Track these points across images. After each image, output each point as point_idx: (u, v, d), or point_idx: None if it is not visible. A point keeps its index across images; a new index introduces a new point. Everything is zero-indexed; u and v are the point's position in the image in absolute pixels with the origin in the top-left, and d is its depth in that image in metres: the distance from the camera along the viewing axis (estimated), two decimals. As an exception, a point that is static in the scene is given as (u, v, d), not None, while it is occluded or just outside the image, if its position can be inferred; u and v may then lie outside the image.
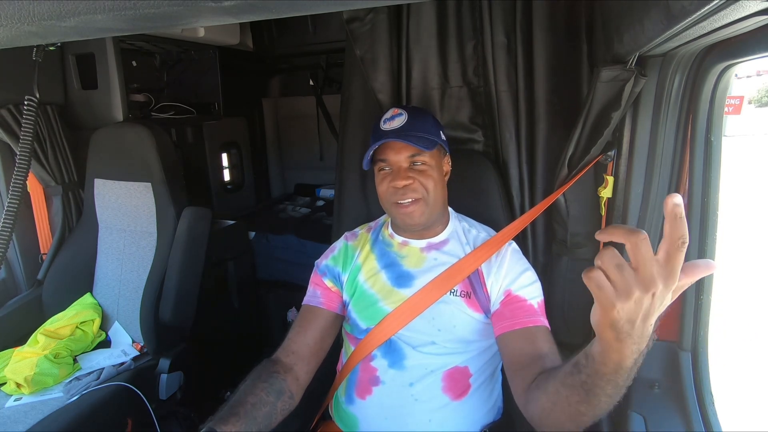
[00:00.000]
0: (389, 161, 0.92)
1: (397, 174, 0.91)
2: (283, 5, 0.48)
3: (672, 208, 0.43)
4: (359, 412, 0.94)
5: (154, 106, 1.93)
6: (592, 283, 0.47)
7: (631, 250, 0.44)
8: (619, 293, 0.46)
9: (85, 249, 1.61)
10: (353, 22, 1.24)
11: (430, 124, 0.95)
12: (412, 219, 0.92)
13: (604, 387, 0.56)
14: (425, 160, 0.92)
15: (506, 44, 1.17)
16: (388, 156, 0.92)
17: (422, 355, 0.91)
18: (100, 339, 1.51)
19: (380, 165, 0.94)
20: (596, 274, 0.47)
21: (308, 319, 0.97)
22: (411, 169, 0.91)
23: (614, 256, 0.46)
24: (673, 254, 0.44)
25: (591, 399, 0.58)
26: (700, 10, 0.48)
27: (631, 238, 0.44)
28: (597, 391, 0.57)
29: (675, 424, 0.93)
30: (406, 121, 0.92)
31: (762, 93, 12.50)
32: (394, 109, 0.95)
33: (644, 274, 0.44)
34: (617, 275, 0.45)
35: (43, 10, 0.46)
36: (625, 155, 0.97)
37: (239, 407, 0.79)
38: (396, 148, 0.91)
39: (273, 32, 2.29)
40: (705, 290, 0.92)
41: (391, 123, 0.93)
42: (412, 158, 0.91)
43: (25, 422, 1.13)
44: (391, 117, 0.94)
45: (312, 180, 2.79)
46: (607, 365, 0.53)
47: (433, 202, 0.93)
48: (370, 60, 1.26)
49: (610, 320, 0.48)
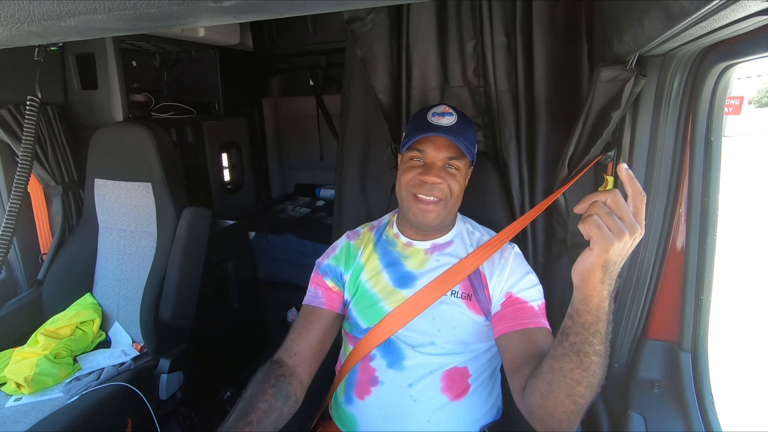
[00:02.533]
0: (427, 154, 0.91)
1: (430, 169, 0.90)
2: (283, 5, 0.48)
3: (625, 172, 0.57)
4: (358, 413, 0.94)
5: (154, 106, 1.93)
6: (591, 224, 0.57)
7: (611, 204, 0.57)
8: (615, 234, 0.56)
9: (85, 249, 1.61)
10: (354, 23, 1.24)
11: (473, 134, 0.95)
12: (426, 217, 0.92)
13: (592, 341, 0.63)
14: (459, 165, 0.92)
15: (506, 44, 1.17)
16: (427, 149, 0.91)
17: (421, 355, 0.91)
18: (100, 339, 1.51)
19: (414, 154, 0.93)
20: (594, 218, 0.57)
21: (310, 320, 0.97)
22: (444, 170, 0.91)
23: (603, 207, 0.57)
24: (639, 207, 0.57)
25: (583, 360, 0.64)
26: (700, 10, 0.48)
27: (608, 195, 0.57)
28: (587, 349, 0.63)
29: (675, 424, 0.93)
30: (456, 121, 0.91)
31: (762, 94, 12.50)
32: (444, 107, 0.94)
33: (627, 220, 0.56)
34: (610, 220, 0.56)
35: (43, 10, 0.46)
36: (625, 155, 0.97)
37: (252, 414, 0.79)
38: (438, 145, 0.91)
39: (273, 32, 2.29)
40: (705, 290, 0.92)
41: (440, 119, 0.92)
42: (449, 159, 0.91)
43: (25, 422, 1.13)
44: (442, 113, 0.93)
45: (312, 180, 2.79)
46: (591, 312, 0.62)
47: (451, 207, 0.93)
48: (371, 60, 1.26)
49: (605, 260, 0.57)
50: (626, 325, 1.02)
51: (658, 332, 1.00)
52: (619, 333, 1.03)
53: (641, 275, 0.98)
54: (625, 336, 1.03)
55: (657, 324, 1.00)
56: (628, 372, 1.03)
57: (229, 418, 0.78)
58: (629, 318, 1.02)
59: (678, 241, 0.95)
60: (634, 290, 1.00)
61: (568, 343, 0.65)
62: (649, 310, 1.01)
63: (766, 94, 12.63)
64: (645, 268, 0.98)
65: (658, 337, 1.00)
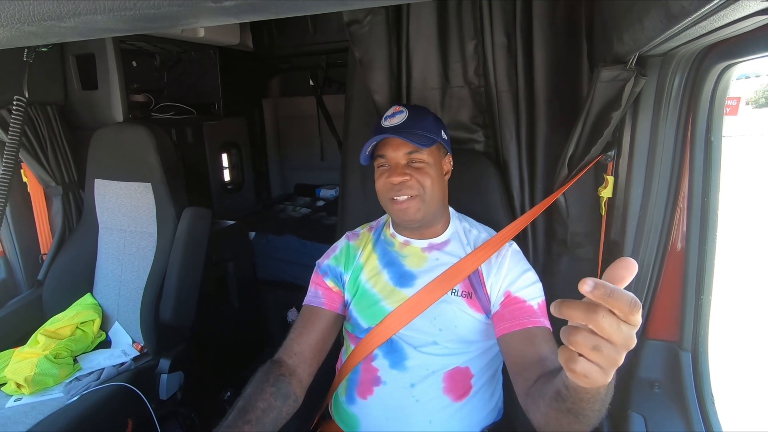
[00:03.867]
0: (387, 157, 0.93)
1: (394, 170, 0.91)
2: (283, 5, 0.48)
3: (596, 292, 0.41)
4: (360, 412, 0.94)
5: (154, 107, 1.93)
6: (578, 376, 0.46)
7: (597, 329, 0.43)
8: (608, 367, 0.45)
9: (86, 249, 1.61)
10: (353, 25, 1.25)
11: (429, 122, 0.95)
12: (406, 215, 0.92)
13: (591, 406, 0.57)
14: (423, 158, 0.92)
15: (506, 44, 1.17)
16: (386, 152, 0.92)
17: (423, 355, 0.91)
18: (101, 339, 1.51)
19: (379, 161, 0.95)
20: (580, 367, 0.45)
21: (310, 320, 0.97)
22: (408, 167, 0.92)
23: (587, 337, 0.43)
24: (632, 319, 0.42)
25: (581, 418, 0.60)
26: (700, 10, 0.48)
27: (591, 317, 0.42)
28: (585, 412, 0.59)
29: (675, 424, 0.93)
30: (406, 118, 0.92)
31: (759, 94, 12.53)
32: (395, 107, 0.96)
33: (619, 341, 0.43)
34: (598, 356, 0.44)
35: (43, 11, 0.46)
36: (625, 155, 0.97)
37: (251, 413, 0.79)
38: (394, 145, 0.91)
39: (273, 32, 2.29)
40: (705, 290, 0.92)
41: (391, 120, 0.93)
42: (410, 155, 0.92)
43: (25, 422, 1.13)
44: (392, 114, 0.94)
45: (312, 180, 2.79)
46: (588, 392, 0.55)
47: (429, 200, 0.92)
48: (368, 61, 1.27)
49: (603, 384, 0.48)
50: (626, 325, 1.02)
51: (658, 332, 1.00)
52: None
53: (641, 275, 0.98)
54: (626, 336, 1.03)
55: (657, 324, 1.00)
56: (628, 372, 1.03)
57: (228, 417, 0.78)
58: (629, 318, 1.02)
59: (678, 241, 0.95)
60: (634, 290, 1.00)
61: (564, 406, 0.60)
62: (649, 310, 1.01)
63: (764, 94, 12.65)
64: (645, 268, 0.98)
65: (658, 337, 1.00)
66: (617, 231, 1.03)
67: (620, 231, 1.01)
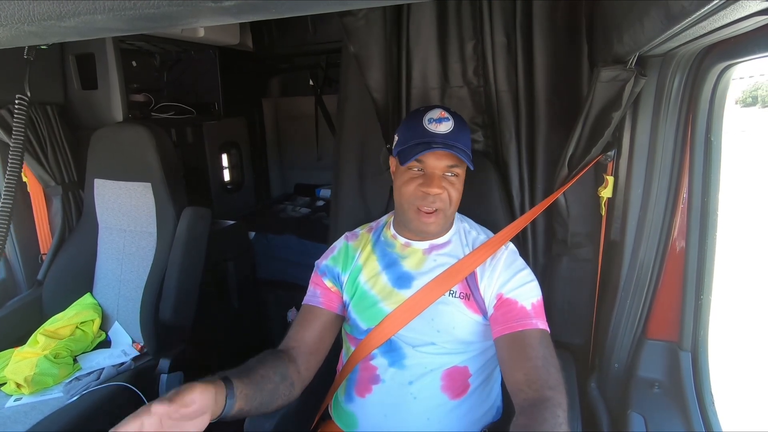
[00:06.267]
0: (426, 164, 0.89)
1: (431, 180, 0.87)
2: (283, 5, 0.48)
3: None
4: (359, 411, 0.94)
5: (154, 106, 1.93)
6: None
7: None
8: None
9: (85, 249, 1.61)
10: (347, 16, 1.20)
11: (469, 137, 0.94)
12: (428, 228, 0.91)
13: None
14: (459, 172, 0.90)
15: (506, 44, 1.17)
16: (427, 159, 0.88)
17: (422, 354, 0.91)
18: (100, 339, 1.51)
19: (413, 164, 0.90)
20: None
21: (308, 319, 0.97)
22: (444, 178, 0.89)
23: None
24: None
25: None
26: (700, 10, 0.48)
27: None
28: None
29: (675, 424, 0.93)
30: (453, 128, 0.89)
31: (746, 94, 13.10)
32: (440, 111, 0.91)
33: None
34: None
35: (43, 10, 0.46)
36: (625, 155, 0.97)
37: (251, 373, 0.79)
38: (438, 155, 0.88)
39: (273, 32, 2.29)
40: (705, 290, 0.92)
41: (437, 126, 0.89)
42: (449, 168, 0.89)
43: (25, 422, 1.13)
44: (438, 119, 0.89)
45: (312, 180, 2.79)
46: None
47: (450, 214, 0.93)
48: (365, 57, 1.23)
49: None
50: (626, 325, 1.02)
51: (658, 332, 1.00)
52: (619, 333, 1.03)
53: (641, 275, 0.98)
54: (625, 336, 1.03)
55: (657, 324, 1.00)
56: (628, 372, 1.03)
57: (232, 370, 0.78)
58: (629, 318, 1.02)
59: (678, 241, 0.95)
60: (634, 290, 1.00)
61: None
62: (649, 310, 1.01)
63: (750, 94, 13.18)
64: (645, 268, 0.98)
65: (658, 336, 1.00)
66: (617, 231, 1.03)
67: (620, 231, 1.01)
